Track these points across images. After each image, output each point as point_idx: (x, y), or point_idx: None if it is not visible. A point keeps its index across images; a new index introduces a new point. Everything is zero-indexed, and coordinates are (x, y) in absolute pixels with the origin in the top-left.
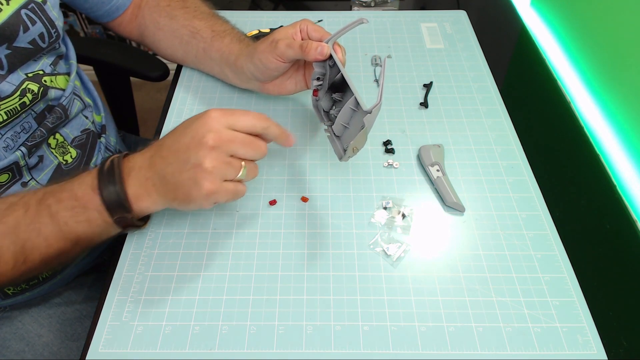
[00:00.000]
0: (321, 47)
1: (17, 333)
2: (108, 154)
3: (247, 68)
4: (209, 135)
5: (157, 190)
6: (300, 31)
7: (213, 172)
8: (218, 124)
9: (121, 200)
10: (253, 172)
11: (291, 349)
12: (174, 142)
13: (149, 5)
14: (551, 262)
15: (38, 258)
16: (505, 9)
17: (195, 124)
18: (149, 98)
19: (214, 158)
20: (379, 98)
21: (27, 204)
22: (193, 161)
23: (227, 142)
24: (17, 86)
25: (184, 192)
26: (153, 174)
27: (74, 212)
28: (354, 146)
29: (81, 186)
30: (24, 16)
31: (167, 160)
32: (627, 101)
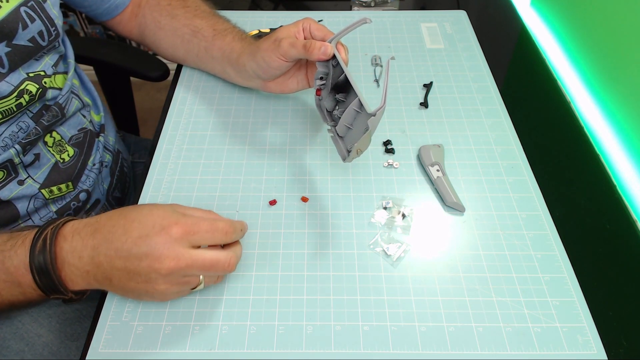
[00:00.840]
0: (325, 47)
1: (17, 333)
2: (107, 153)
3: (250, 66)
4: (167, 260)
5: (99, 284)
6: (302, 30)
7: (165, 292)
8: (179, 245)
9: (56, 287)
10: (214, 281)
11: (291, 349)
12: (123, 245)
13: (150, 4)
14: (551, 262)
15: None
16: (505, 9)
17: (153, 240)
18: (149, 98)
19: (168, 281)
20: (382, 101)
21: None
22: (144, 277)
23: (185, 268)
24: (15, 86)
25: (135, 296)
26: (96, 270)
27: (7, 285)
28: (357, 148)
29: (12, 261)
30: (23, 13)
31: (114, 264)
32: (627, 101)
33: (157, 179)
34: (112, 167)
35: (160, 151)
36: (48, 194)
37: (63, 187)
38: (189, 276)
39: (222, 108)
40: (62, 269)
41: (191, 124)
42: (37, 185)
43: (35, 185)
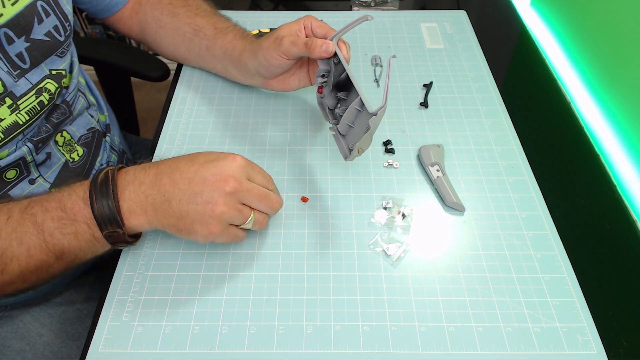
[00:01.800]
0: (326, 44)
1: (18, 332)
2: (113, 153)
3: (251, 64)
4: (231, 180)
5: (155, 211)
6: (304, 27)
7: (222, 215)
8: (241, 171)
9: (113, 214)
10: (261, 223)
11: (291, 349)
12: (189, 170)
13: (151, 3)
14: (551, 262)
15: (17, 270)
16: (505, 9)
17: (220, 163)
18: (149, 98)
19: (227, 203)
20: (384, 100)
21: (10, 211)
22: (206, 198)
23: (244, 191)
24: (33, 85)
25: (186, 223)
26: (156, 193)
27: (61, 224)
28: (359, 147)
29: (71, 197)
30: (39, 7)
31: (177, 185)
32: (627, 101)
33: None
34: None
35: (160, 151)
36: None
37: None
38: (244, 206)
39: (222, 108)
40: (122, 196)
41: (191, 124)
42: (48, 185)
43: (46, 185)
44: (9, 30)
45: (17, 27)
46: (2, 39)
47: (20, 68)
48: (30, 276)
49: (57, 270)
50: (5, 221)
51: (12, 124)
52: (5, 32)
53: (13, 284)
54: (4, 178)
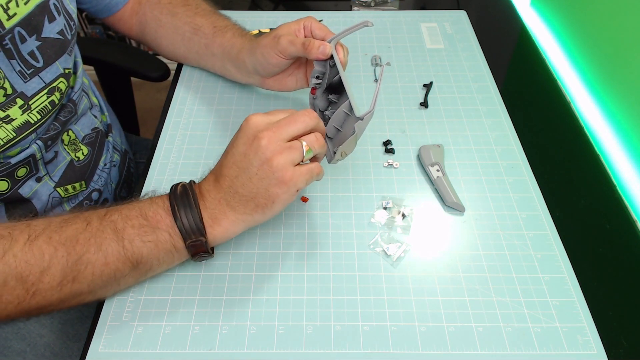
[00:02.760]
0: (323, 46)
1: (19, 333)
2: (116, 153)
3: (249, 62)
4: (259, 134)
5: (233, 209)
6: (304, 28)
7: (280, 162)
8: (261, 122)
9: (197, 222)
10: (317, 143)
11: (291, 349)
12: (229, 158)
13: (150, 2)
14: (551, 262)
15: (89, 278)
16: (505, 9)
17: (242, 134)
18: (149, 98)
19: (273, 149)
20: (372, 105)
21: (88, 218)
22: (257, 163)
23: (277, 131)
24: (46, 84)
25: (264, 195)
26: (223, 194)
27: (142, 231)
28: (342, 150)
29: (152, 206)
30: (52, 6)
31: (231, 175)
32: (627, 101)
33: (157, 178)
34: (120, 166)
35: (160, 151)
36: (63, 192)
37: (77, 185)
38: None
39: (222, 108)
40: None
41: (191, 124)
42: (53, 184)
43: (51, 184)
44: (21, 29)
45: (29, 26)
46: (16, 37)
47: (34, 67)
48: (99, 289)
49: (127, 284)
50: (84, 227)
51: (24, 124)
52: (19, 30)
53: (80, 295)
54: (16, 176)
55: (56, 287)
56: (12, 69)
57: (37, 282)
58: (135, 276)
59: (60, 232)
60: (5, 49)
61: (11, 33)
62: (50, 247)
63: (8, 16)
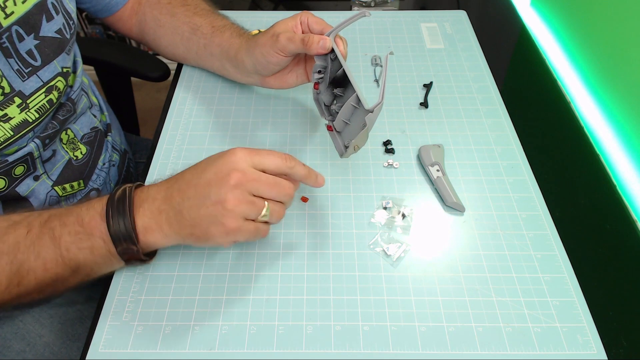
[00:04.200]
0: (323, 40)
1: (18, 333)
2: (115, 152)
3: (248, 62)
4: (233, 173)
5: (170, 225)
6: (300, 23)
7: (234, 210)
8: (243, 162)
9: (128, 231)
10: (278, 214)
11: (291, 349)
12: (194, 177)
13: (150, 3)
14: (551, 262)
15: (33, 282)
16: (505, 9)
17: (219, 161)
18: (149, 98)
19: (236, 197)
20: (380, 97)
21: (30, 225)
22: (214, 198)
23: (251, 181)
24: (44, 82)
25: (202, 229)
26: (168, 207)
27: (78, 238)
28: (355, 144)
29: (89, 211)
30: (50, 5)
31: (185, 195)
32: (627, 101)
33: (157, 178)
34: (120, 166)
35: (160, 151)
36: (61, 191)
37: (75, 184)
38: (255, 197)
39: (222, 108)
40: (137, 213)
41: (191, 124)
42: (51, 182)
43: (49, 182)
44: (19, 27)
45: (27, 24)
46: (14, 36)
47: (32, 65)
48: (46, 288)
49: (73, 284)
50: (25, 235)
51: (22, 122)
52: (17, 29)
53: (29, 295)
54: (13, 174)
55: (5, 290)
56: (10, 68)
57: None
58: (79, 278)
59: (3, 239)
60: (3, 47)
61: (9, 32)
62: None
63: (5, 15)
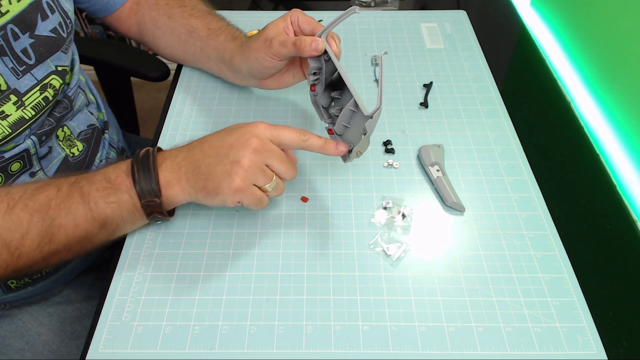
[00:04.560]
0: (315, 42)
1: (17, 331)
2: (112, 150)
3: (244, 67)
4: (254, 139)
5: (187, 178)
6: (291, 23)
7: (247, 171)
8: (264, 133)
9: (152, 184)
10: (280, 189)
11: (291, 349)
12: (216, 140)
13: (149, 3)
14: (551, 262)
15: (63, 239)
16: (505, 9)
17: (243, 129)
18: (149, 98)
19: (252, 160)
20: (379, 102)
21: (59, 185)
22: (232, 158)
23: (268, 152)
24: (38, 80)
25: (214, 183)
26: (188, 163)
27: (105, 193)
28: (357, 150)
29: (115, 170)
30: (45, 4)
31: (207, 153)
32: (627, 101)
33: None
34: None
35: None
36: None
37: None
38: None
39: (222, 108)
40: (160, 168)
41: (191, 124)
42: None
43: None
44: (14, 26)
45: (22, 23)
46: (9, 34)
47: (26, 64)
48: (75, 246)
49: (100, 241)
50: (55, 193)
51: (19, 120)
52: (12, 28)
53: (58, 253)
54: (9, 171)
55: (36, 248)
56: (5, 66)
57: (19, 246)
58: (105, 234)
59: (34, 199)
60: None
61: (4, 30)
62: (27, 214)
63: (1, 13)
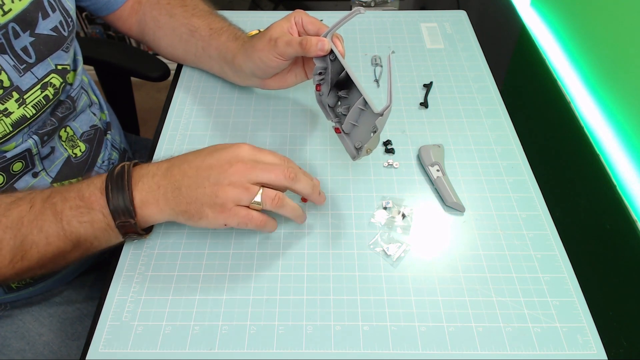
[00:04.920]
0: (321, 42)
1: (18, 332)
2: (114, 151)
3: (247, 66)
4: (236, 163)
5: (166, 200)
6: (295, 24)
7: (228, 193)
8: (245, 155)
9: (126, 204)
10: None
11: (291, 349)
12: (197, 159)
13: (150, 2)
14: (551, 262)
15: (36, 256)
16: (505, 9)
17: (225, 150)
18: (149, 98)
19: (233, 182)
20: (389, 100)
21: (32, 200)
22: (213, 180)
23: (250, 169)
24: (39, 79)
25: (196, 207)
26: (167, 183)
27: (79, 212)
28: (367, 148)
29: (89, 187)
30: (46, 3)
31: (186, 174)
32: (627, 101)
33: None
34: None
35: (160, 151)
36: None
37: (74, 182)
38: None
39: (222, 108)
40: (136, 188)
41: (191, 124)
42: (50, 179)
43: (48, 179)
44: (16, 24)
45: (23, 21)
46: (10, 33)
47: (26, 62)
48: (47, 263)
49: (73, 258)
50: (28, 209)
51: (21, 118)
52: (13, 26)
53: (31, 270)
54: (11, 171)
55: (8, 264)
56: (7, 63)
57: None
58: (79, 252)
59: (7, 214)
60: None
61: (5, 28)
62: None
63: (3, 12)
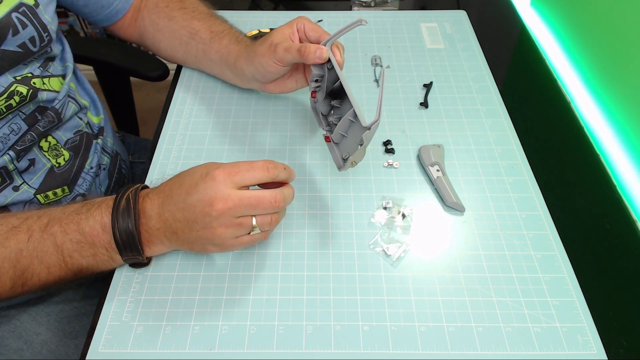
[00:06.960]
0: (320, 50)
1: (16, 331)
2: (105, 155)
3: (248, 70)
4: (216, 202)
5: (169, 240)
6: (297, 30)
7: (222, 234)
8: (224, 187)
9: (135, 243)
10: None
11: (291, 349)
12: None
13: (148, 7)
14: (551, 262)
15: (37, 284)
16: (505, 9)
17: (201, 187)
18: (149, 98)
19: (222, 224)
20: (377, 115)
21: (30, 229)
22: (201, 224)
23: (234, 208)
24: (5, 88)
25: (200, 246)
26: (164, 227)
27: (80, 246)
28: (352, 160)
29: (88, 221)
30: (15, 19)
31: (176, 218)
32: (627, 101)
33: (157, 179)
34: (111, 169)
35: (160, 151)
36: (43, 199)
37: (59, 191)
38: (241, 217)
39: (222, 108)
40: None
41: (191, 124)
42: (33, 191)
43: (31, 191)
44: None
45: None
46: None
47: None
48: (50, 287)
49: (77, 282)
50: (26, 241)
51: None
52: None
53: (34, 292)
54: None
55: (9, 290)
56: None
57: None
58: (80, 278)
59: (5, 245)
60: None
61: None
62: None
63: None
